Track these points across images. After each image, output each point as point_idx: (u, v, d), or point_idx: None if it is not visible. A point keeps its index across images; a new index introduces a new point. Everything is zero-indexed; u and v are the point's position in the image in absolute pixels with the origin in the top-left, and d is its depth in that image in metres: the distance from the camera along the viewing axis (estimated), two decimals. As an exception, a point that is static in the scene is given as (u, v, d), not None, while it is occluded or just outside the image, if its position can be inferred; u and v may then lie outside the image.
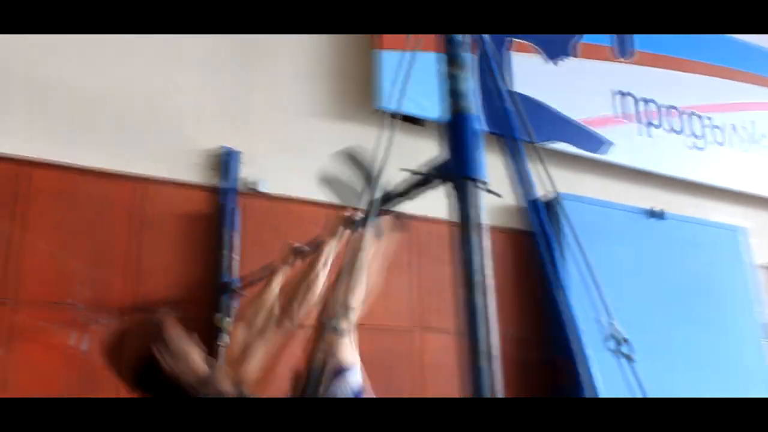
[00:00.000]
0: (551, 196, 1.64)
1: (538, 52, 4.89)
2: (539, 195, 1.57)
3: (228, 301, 3.33)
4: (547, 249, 1.41)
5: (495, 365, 1.22)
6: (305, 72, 4.07)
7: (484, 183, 1.35)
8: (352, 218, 2.10)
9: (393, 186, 1.61)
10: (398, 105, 2.58)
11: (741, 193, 5.61)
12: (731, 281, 5.09)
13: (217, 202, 3.56)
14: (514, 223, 4.20)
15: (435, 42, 1.49)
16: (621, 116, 5.13)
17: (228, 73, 3.86)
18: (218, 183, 3.60)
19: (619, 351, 1.44)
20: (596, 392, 1.31)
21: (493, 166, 1.42)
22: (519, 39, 4.80)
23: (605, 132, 4.97)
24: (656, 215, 4.98)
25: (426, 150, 1.58)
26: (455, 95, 1.39)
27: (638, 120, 5.22)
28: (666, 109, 5.42)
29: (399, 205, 1.68)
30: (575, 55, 5.06)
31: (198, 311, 3.35)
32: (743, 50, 6.04)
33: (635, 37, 5.45)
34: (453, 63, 1.42)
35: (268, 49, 4.01)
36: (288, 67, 4.04)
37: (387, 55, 4.05)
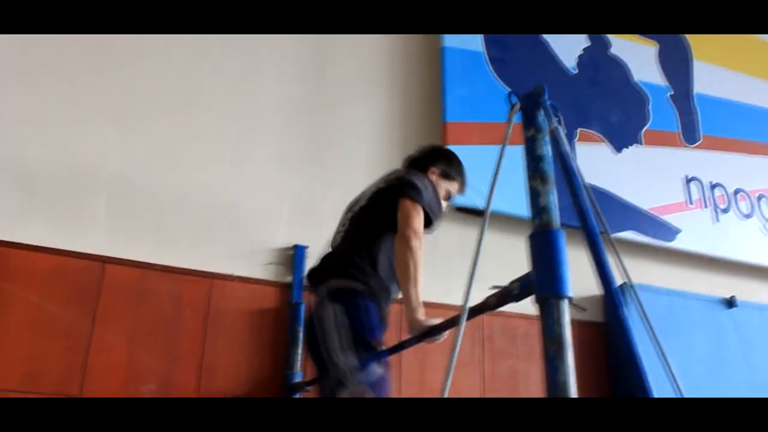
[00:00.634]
0: (626, 287, 1.60)
1: (605, 142, 4.89)
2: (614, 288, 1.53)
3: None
4: (626, 340, 1.36)
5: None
6: (377, 170, 4.13)
7: (570, 299, 1.32)
8: None
9: (483, 300, 1.59)
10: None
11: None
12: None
13: (287, 299, 3.59)
14: (581, 316, 4.15)
15: (499, 135, 1.51)
16: (689, 202, 5.05)
17: (302, 174, 3.97)
18: (289, 279, 3.64)
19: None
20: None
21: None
22: (585, 129, 4.83)
23: (673, 219, 4.89)
24: (728, 303, 4.83)
25: (488, 239, 1.57)
26: (540, 210, 1.38)
27: (706, 205, 5.12)
28: (735, 194, 5.31)
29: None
30: (640, 143, 5.04)
31: (264, 407, 3.34)
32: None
33: (701, 122, 5.41)
34: (538, 177, 1.42)
35: (341, 150, 4.13)
36: (360, 167, 4.12)
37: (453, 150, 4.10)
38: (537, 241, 1.36)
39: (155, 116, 3.71)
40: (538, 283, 1.33)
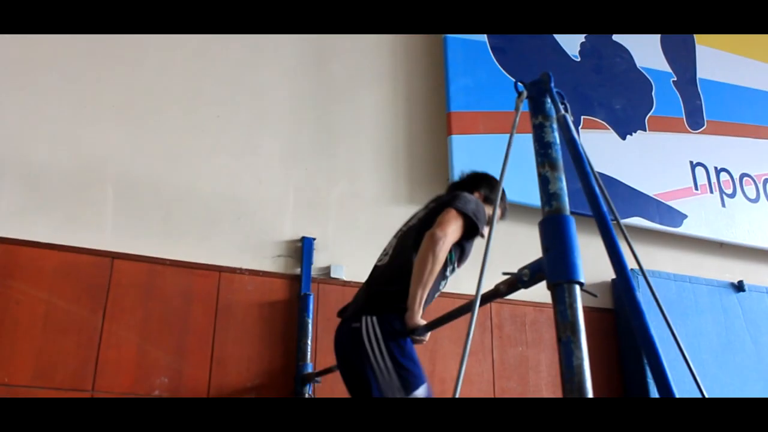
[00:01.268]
0: (636, 274, 1.61)
1: (609, 129, 4.89)
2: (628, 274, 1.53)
3: (307, 389, 3.32)
4: (640, 327, 1.36)
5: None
6: (383, 162, 4.17)
7: (582, 284, 1.33)
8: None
9: (494, 287, 1.60)
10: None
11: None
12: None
13: (296, 291, 3.61)
14: (590, 302, 4.16)
15: (503, 124, 1.52)
16: (695, 188, 5.04)
17: (308, 167, 3.99)
18: (297, 271, 3.65)
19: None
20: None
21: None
22: (589, 117, 4.82)
23: (679, 204, 4.88)
24: (736, 287, 4.83)
25: (500, 229, 1.57)
26: (550, 196, 1.39)
27: (712, 190, 5.12)
28: (741, 178, 5.30)
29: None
30: (644, 129, 5.04)
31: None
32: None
33: (705, 107, 5.40)
34: (547, 163, 1.42)
35: (346, 142, 4.15)
36: (366, 158, 4.14)
37: (457, 140, 4.12)
38: (548, 227, 1.37)
39: (160, 112, 3.72)
40: (550, 269, 1.33)
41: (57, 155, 3.41)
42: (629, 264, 1.37)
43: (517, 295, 1.59)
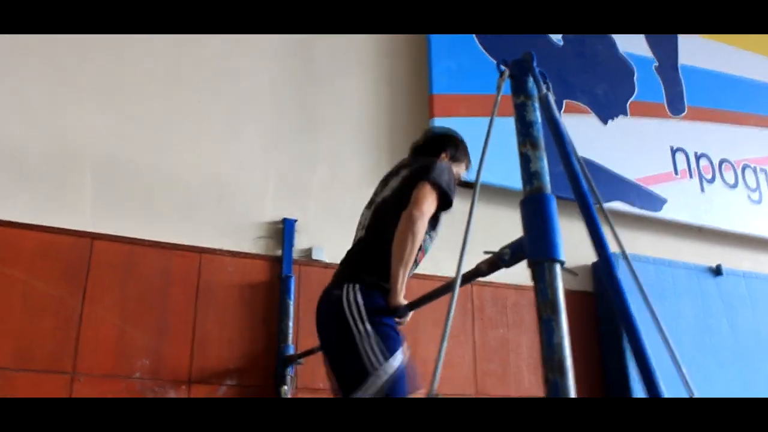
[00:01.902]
0: (618, 257, 1.61)
1: (591, 113, 4.91)
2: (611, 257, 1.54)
3: (288, 371, 3.33)
4: (622, 309, 1.37)
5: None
6: (365, 144, 4.16)
7: (562, 263, 1.34)
8: None
9: (475, 266, 1.60)
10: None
11: (799, 247, 5.46)
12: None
13: (277, 272, 3.60)
14: (570, 285, 4.20)
15: (485, 107, 1.51)
16: (675, 173, 5.08)
17: (290, 149, 3.97)
18: (279, 253, 3.64)
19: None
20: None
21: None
22: (572, 101, 4.84)
23: (659, 189, 4.92)
24: (714, 271, 4.89)
25: (478, 212, 1.56)
26: (532, 175, 1.39)
27: (692, 176, 5.16)
28: (720, 164, 5.35)
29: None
30: (626, 114, 5.06)
31: (258, 380, 3.37)
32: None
33: (686, 92, 5.44)
34: (528, 142, 1.43)
35: (327, 125, 4.12)
36: (348, 141, 4.13)
37: (439, 122, 4.12)
38: (529, 207, 1.37)
39: (141, 95, 3.69)
40: (531, 248, 1.33)
41: (36, 136, 3.37)
42: (611, 248, 1.38)
43: (499, 278, 1.60)
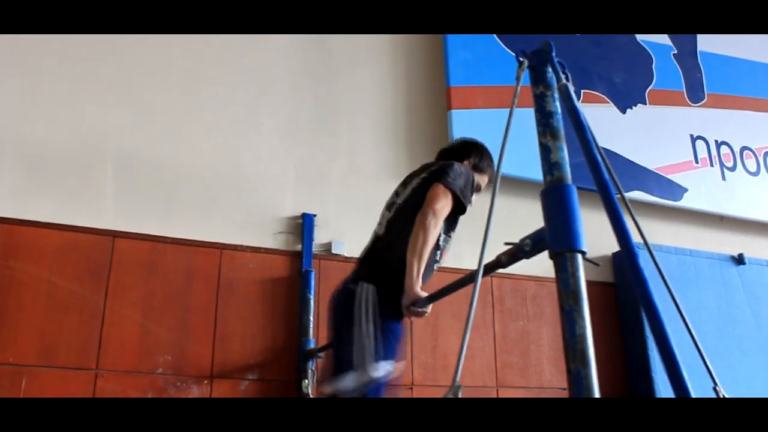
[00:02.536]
0: (640, 248, 1.60)
1: (609, 102, 4.87)
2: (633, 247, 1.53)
3: (309, 365, 3.34)
4: (645, 299, 1.36)
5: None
6: (383, 137, 4.16)
7: (584, 253, 1.33)
8: None
9: (496, 257, 1.59)
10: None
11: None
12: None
13: (297, 267, 3.62)
14: (591, 275, 4.18)
15: (502, 99, 1.51)
16: (695, 161, 5.03)
17: (309, 143, 3.98)
18: (299, 248, 3.66)
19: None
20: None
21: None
22: (590, 91, 4.80)
23: (680, 178, 4.88)
24: (736, 260, 4.84)
25: (500, 203, 1.56)
26: (552, 166, 1.38)
27: (713, 164, 5.11)
28: (741, 151, 5.29)
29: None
30: (645, 103, 5.02)
31: (279, 374, 3.39)
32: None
33: (705, 79, 5.38)
34: (549, 133, 1.42)
35: (346, 118, 4.13)
36: (366, 134, 4.13)
37: (456, 114, 4.10)
38: (550, 197, 1.36)
39: (160, 90, 3.71)
40: (552, 238, 1.33)
41: (56, 135, 3.40)
42: (634, 237, 1.37)
43: (518, 270, 1.59)
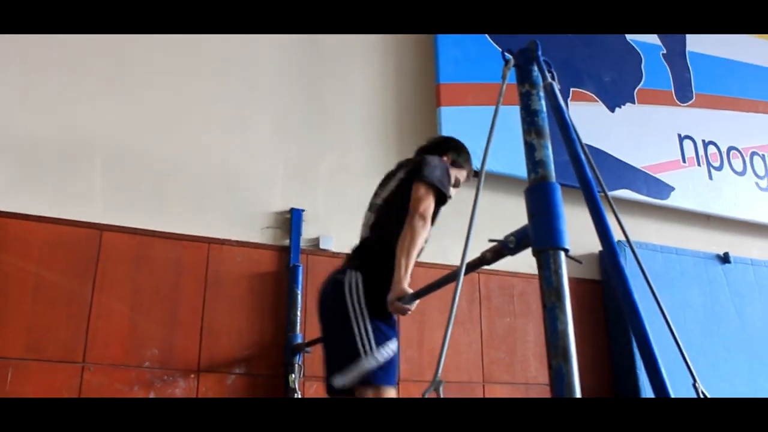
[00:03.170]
0: (623, 245, 1.62)
1: (598, 101, 4.90)
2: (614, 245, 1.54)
3: (297, 359, 3.35)
4: (625, 296, 1.38)
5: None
6: (372, 133, 4.18)
7: (567, 251, 1.34)
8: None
9: (480, 254, 1.61)
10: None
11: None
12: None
13: (285, 262, 3.63)
14: (578, 273, 4.22)
15: (492, 96, 1.52)
16: (682, 160, 5.07)
17: (297, 139, 3.98)
18: (286, 243, 3.66)
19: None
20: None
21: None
22: (579, 89, 4.83)
23: (667, 177, 4.91)
24: (722, 259, 4.88)
25: (484, 200, 1.57)
26: (536, 164, 1.40)
27: (700, 163, 5.15)
28: (728, 151, 5.33)
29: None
30: (633, 102, 5.05)
31: (267, 369, 3.40)
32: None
33: (694, 79, 5.41)
34: (533, 131, 1.43)
35: (335, 114, 4.13)
36: (355, 130, 4.14)
37: (446, 111, 4.12)
38: (534, 195, 1.38)
39: (150, 85, 3.70)
40: (536, 235, 1.34)
41: (45, 128, 3.39)
42: (616, 235, 1.39)
43: (506, 267, 1.60)
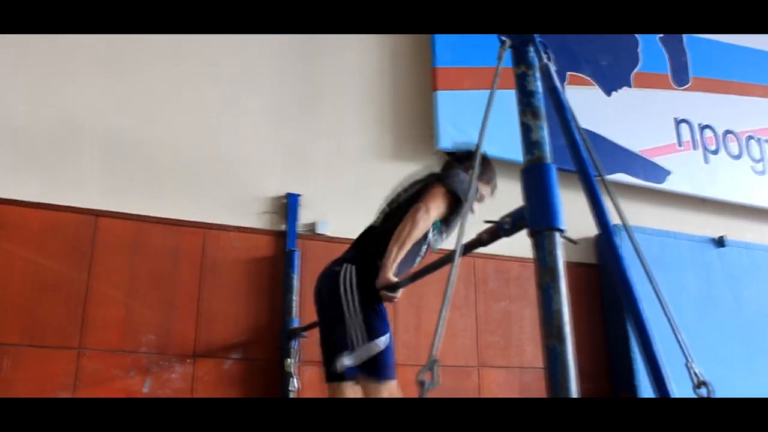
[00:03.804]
0: (619, 229, 1.61)
1: (595, 85, 4.88)
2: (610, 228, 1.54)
3: (293, 344, 3.35)
4: (625, 282, 1.38)
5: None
6: (368, 118, 4.16)
7: (563, 231, 1.34)
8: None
9: (476, 236, 1.61)
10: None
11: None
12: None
13: (282, 247, 3.62)
14: (575, 256, 4.22)
15: (489, 80, 1.52)
16: (679, 144, 5.07)
17: (293, 123, 3.96)
18: (283, 228, 3.66)
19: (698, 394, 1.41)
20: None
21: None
22: (575, 73, 4.81)
23: (663, 161, 4.91)
24: (717, 243, 4.89)
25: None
26: (532, 145, 1.39)
27: (696, 147, 5.14)
28: (724, 135, 5.33)
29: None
30: (630, 86, 5.04)
31: (263, 353, 3.40)
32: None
33: (690, 63, 5.40)
34: (529, 112, 1.43)
35: (331, 97, 4.11)
36: (351, 114, 4.12)
37: (442, 95, 4.10)
38: (529, 175, 1.37)
39: (144, 68, 3.68)
40: (531, 216, 1.34)
41: (38, 113, 3.37)
42: (613, 219, 1.39)
43: (502, 250, 1.60)
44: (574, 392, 1.24)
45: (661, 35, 5.36)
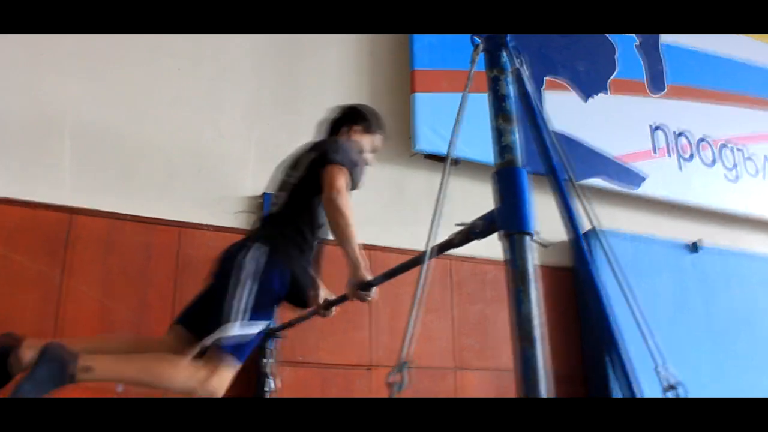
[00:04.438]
0: (593, 233, 1.63)
1: (572, 90, 4.93)
2: (583, 232, 1.56)
3: (269, 344, 3.34)
4: (593, 285, 1.40)
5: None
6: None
7: (534, 235, 1.36)
8: None
9: (448, 238, 1.62)
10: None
11: (776, 224, 5.53)
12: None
13: (257, 246, 3.60)
14: (551, 260, 4.25)
15: (465, 82, 1.53)
16: (654, 150, 5.13)
17: (271, 123, 3.95)
18: (258, 228, 3.65)
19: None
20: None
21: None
22: (553, 78, 4.85)
23: (639, 166, 4.97)
24: (691, 248, 4.95)
25: (460, 188, 1.57)
26: (504, 148, 1.41)
27: (671, 153, 5.21)
28: (698, 142, 5.40)
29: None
30: (607, 92, 5.09)
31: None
32: (774, 79, 6.03)
33: (667, 71, 5.46)
34: (501, 116, 1.44)
35: (309, 97, 4.09)
36: (327, 111, 4.10)
37: (420, 98, 4.12)
38: (501, 179, 1.39)
39: (120, 63, 3.65)
40: (503, 220, 1.36)
41: (12, 105, 3.33)
42: (587, 224, 1.40)
43: (478, 253, 1.61)
44: (544, 394, 1.26)
45: (638, 42, 5.42)
